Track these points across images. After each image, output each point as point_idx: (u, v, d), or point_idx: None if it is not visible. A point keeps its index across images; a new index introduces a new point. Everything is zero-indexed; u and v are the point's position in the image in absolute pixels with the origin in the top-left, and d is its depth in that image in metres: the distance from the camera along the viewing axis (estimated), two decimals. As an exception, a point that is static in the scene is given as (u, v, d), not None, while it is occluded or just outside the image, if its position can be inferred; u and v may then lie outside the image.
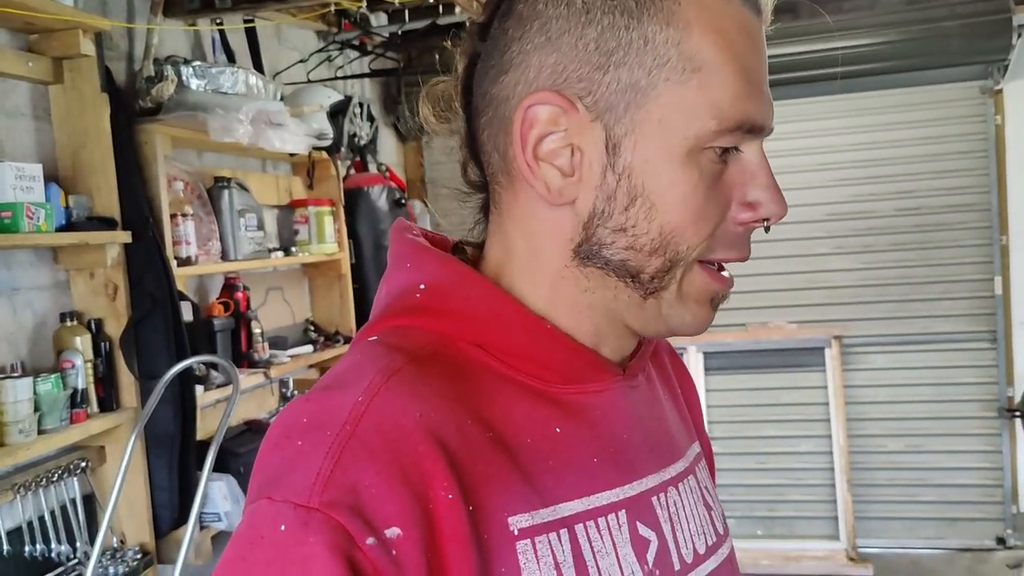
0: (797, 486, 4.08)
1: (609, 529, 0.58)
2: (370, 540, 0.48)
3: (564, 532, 0.56)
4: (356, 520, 0.48)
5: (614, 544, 0.58)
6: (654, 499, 0.63)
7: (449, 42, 0.66)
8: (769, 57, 0.61)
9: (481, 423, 0.56)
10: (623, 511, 0.60)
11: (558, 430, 0.59)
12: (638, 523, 0.61)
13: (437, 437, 0.53)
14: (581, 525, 0.57)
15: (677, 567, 0.63)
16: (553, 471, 0.57)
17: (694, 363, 4.05)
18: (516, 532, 0.54)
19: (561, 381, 0.61)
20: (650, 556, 0.61)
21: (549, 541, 0.55)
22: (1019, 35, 3.69)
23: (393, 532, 0.49)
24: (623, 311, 0.62)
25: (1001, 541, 3.95)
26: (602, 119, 0.57)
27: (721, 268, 0.62)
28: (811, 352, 4.03)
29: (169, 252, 2.28)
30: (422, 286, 0.61)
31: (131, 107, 2.32)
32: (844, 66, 3.80)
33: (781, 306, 4.12)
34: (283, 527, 0.49)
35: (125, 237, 2.15)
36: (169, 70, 2.36)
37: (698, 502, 0.69)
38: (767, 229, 0.62)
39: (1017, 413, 3.62)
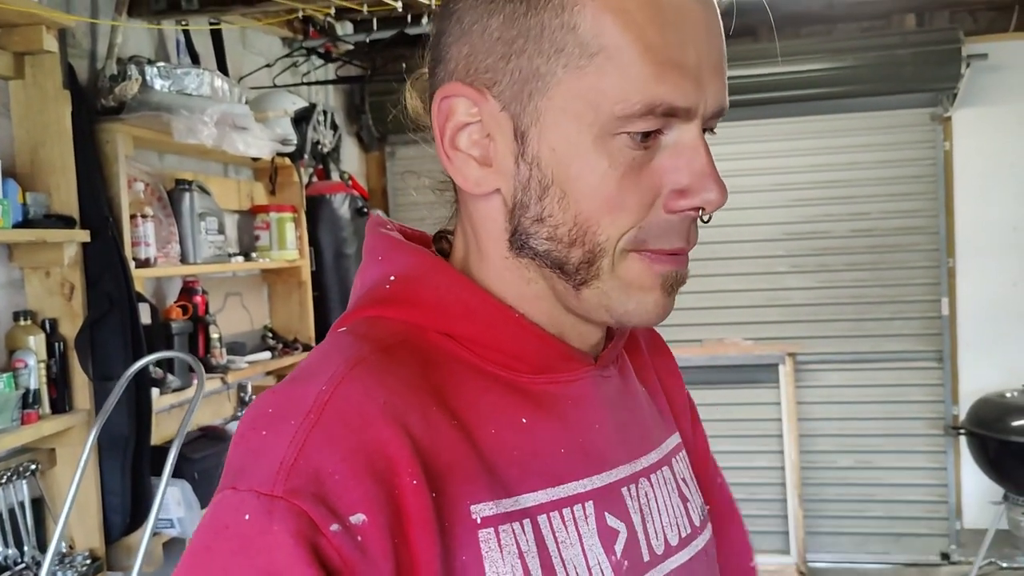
0: (750, 501, 4.12)
1: (575, 520, 0.58)
2: (334, 527, 0.48)
3: (527, 523, 0.56)
4: (320, 507, 0.48)
5: (579, 535, 0.58)
6: (624, 490, 0.63)
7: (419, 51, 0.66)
8: (729, 79, 0.58)
9: (446, 412, 0.56)
10: (590, 502, 0.60)
11: (524, 420, 0.59)
12: (607, 514, 0.60)
13: (401, 423, 0.53)
14: (544, 516, 0.57)
15: (646, 558, 0.63)
16: (517, 462, 0.57)
17: (651, 378, 4.09)
18: (479, 520, 0.54)
19: (531, 371, 0.61)
20: (618, 547, 0.60)
21: (513, 530, 0.55)
22: (968, 65, 3.82)
23: (358, 518, 0.49)
24: (567, 301, 0.60)
25: (946, 556, 4.05)
26: (509, 109, 0.57)
27: (675, 252, 0.59)
28: (765, 368, 4.10)
29: (128, 253, 2.24)
30: (392, 277, 0.62)
31: (93, 105, 2.29)
32: (801, 89, 3.89)
33: (737, 323, 4.18)
34: (247, 516, 0.49)
35: (84, 236, 2.12)
36: (133, 69, 2.34)
37: (672, 493, 0.68)
38: (705, 220, 0.59)
39: (961, 431, 3.72)
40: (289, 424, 0.52)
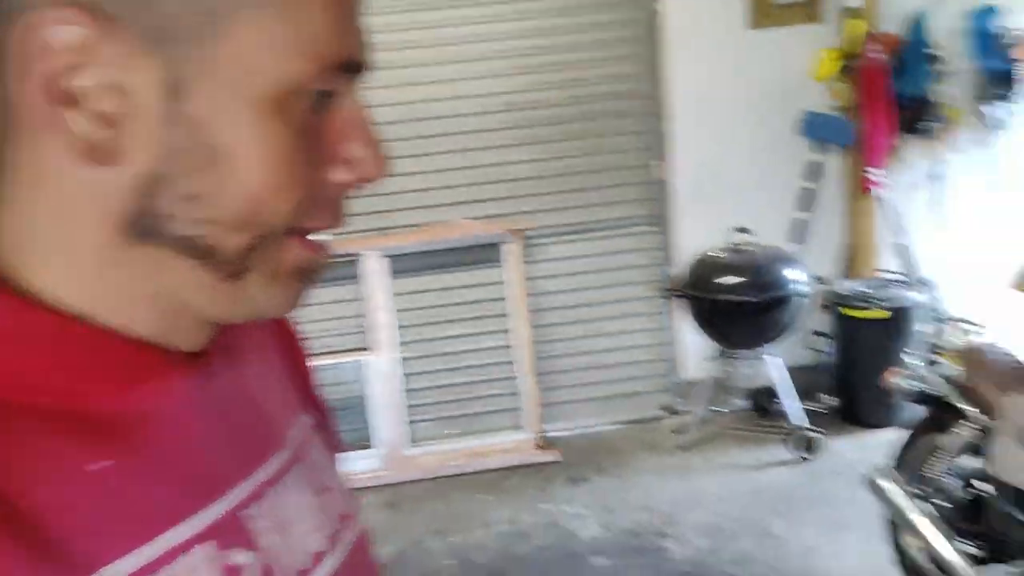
0: (485, 382, 4.10)
1: (192, 570, 0.48)
2: None
3: None
4: None
5: None
6: (245, 512, 0.53)
7: None
8: None
9: None
10: (211, 543, 0.50)
11: (91, 468, 0.46)
12: (232, 550, 0.51)
13: None
14: None
15: None
16: (89, 528, 0.45)
17: (379, 269, 3.86)
18: None
19: (98, 394, 0.48)
20: None
21: None
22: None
23: None
24: (192, 298, 0.50)
25: (670, 409, 4.27)
26: (158, 51, 0.45)
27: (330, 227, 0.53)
28: (491, 248, 4.01)
29: None
30: None
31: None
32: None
33: (458, 202, 4.03)
34: None
35: None
36: None
37: (306, 491, 0.60)
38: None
39: (676, 293, 3.84)
40: None
